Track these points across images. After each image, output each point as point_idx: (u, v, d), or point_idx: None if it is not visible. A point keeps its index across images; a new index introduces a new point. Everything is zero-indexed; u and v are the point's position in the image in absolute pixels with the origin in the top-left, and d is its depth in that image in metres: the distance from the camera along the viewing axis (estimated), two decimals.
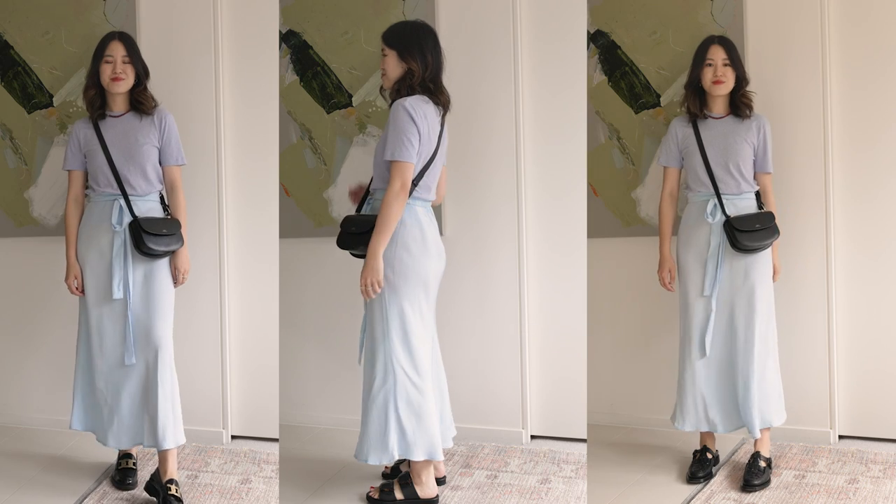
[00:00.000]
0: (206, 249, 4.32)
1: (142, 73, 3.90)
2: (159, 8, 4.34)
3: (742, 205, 3.99)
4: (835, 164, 4.24)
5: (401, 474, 3.86)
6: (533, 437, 4.40)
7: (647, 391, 4.62)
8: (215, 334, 4.38)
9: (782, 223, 4.05)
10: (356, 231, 3.68)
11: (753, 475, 3.96)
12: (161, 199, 3.94)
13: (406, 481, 3.81)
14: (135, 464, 4.07)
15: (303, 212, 4.60)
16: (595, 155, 4.55)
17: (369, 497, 3.85)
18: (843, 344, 4.32)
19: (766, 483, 3.97)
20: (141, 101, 3.90)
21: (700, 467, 4.08)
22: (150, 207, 3.89)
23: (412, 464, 3.81)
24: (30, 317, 4.60)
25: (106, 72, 3.86)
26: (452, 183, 4.18)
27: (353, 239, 3.69)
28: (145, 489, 3.93)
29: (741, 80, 3.99)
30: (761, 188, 4.05)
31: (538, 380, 4.39)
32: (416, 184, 3.65)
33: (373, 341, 3.72)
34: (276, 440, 4.30)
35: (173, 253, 3.88)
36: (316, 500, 3.92)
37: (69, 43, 4.44)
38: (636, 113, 4.53)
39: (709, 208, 3.99)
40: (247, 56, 4.31)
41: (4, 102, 4.52)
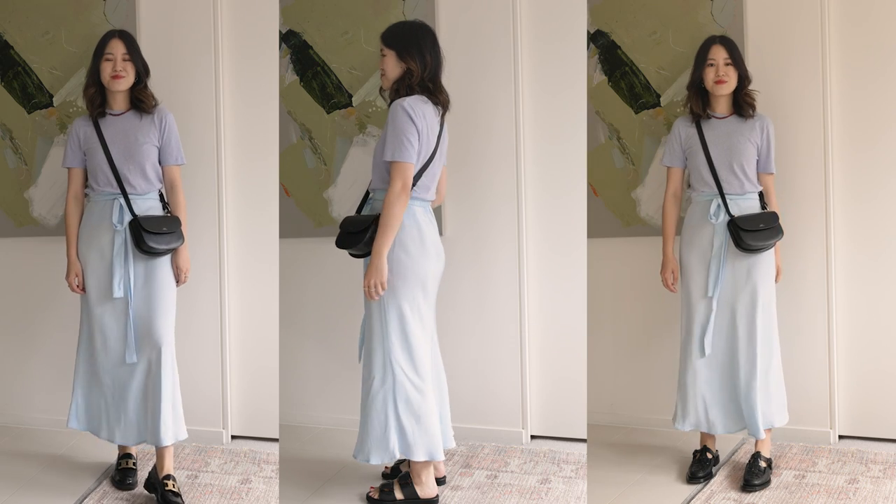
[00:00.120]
0: (206, 249, 4.32)
1: (142, 71, 3.90)
2: (159, 8, 4.33)
3: (745, 205, 3.99)
4: (835, 164, 4.24)
5: (401, 474, 3.86)
6: (533, 437, 4.40)
7: (648, 391, 4.62)
8: (215, 334, 4.38)
9: (782, 223, 4.04)
10: (353, 231, 3.68)
11: (753, 475, 3.96)
12: (161, 197, 3.94)
13: (406, 481, 3.81)
14: (135, 464, 4.07)
15: (303, 212, 4.60)
16: (595, 155, 4.55)
17: (369, 497, 3.85)
18: (843, 344, 4.31)
19: (767, 483, 3.97)
20: (141, 100, 3.90)
21: (700, 467, 4.08)
22: (149, 206, 3.89)
23: (412, 464, 3.81)
24: (30, 317, 4.60)
25: (106, 70, 3.86)
26: (452, 183, 4.17)
27: (350, 239, 3.70)
28: (145, 486, 3.94)
29: (744, 79, 3.98)
30: (764, 188, 4.04)
31: (538, 380, 4.39)
32: (414, 184, 3.64)
33: (371, 342, 3.72)
34: (276, 440, 4.30)
35: (174, 251, 3.88)
36: (316, 500, 3.92)
37: (69, 43, 4.44)
38: (636, 113, 4.53)
39: (712, 208, 3.98)
40: (247, 56, 4.31)
41: (4, 102, 4.52)
